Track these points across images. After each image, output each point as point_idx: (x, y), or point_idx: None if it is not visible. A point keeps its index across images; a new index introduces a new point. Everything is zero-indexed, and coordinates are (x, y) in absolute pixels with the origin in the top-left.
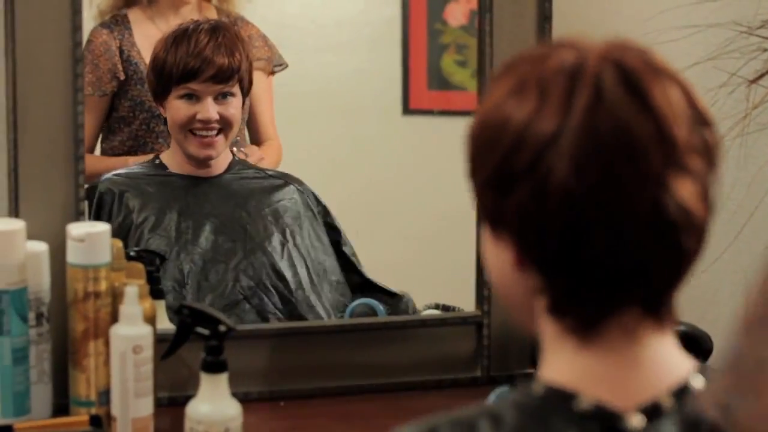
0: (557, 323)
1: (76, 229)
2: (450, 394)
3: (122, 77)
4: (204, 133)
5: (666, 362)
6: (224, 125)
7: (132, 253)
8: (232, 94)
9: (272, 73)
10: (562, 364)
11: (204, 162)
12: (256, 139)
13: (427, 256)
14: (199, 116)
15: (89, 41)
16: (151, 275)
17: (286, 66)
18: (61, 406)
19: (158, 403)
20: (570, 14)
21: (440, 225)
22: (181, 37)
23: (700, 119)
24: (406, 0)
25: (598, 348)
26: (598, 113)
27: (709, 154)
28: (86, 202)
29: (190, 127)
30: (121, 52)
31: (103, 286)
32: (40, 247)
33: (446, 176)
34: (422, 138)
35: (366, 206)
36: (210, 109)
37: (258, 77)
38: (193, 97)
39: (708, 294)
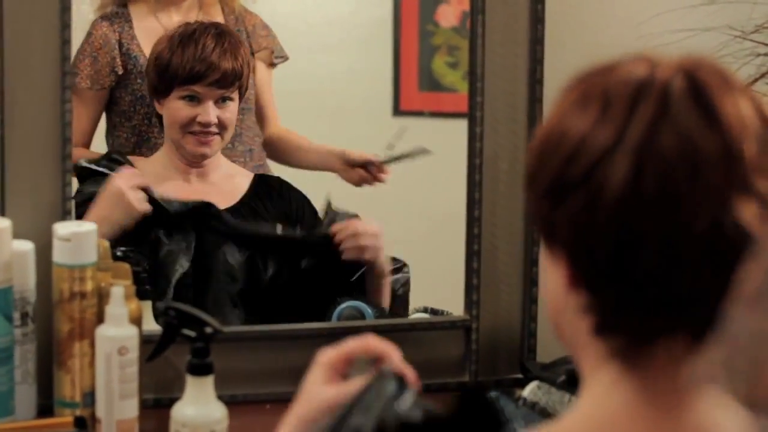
0: (602, 346)
1: (63, 229)
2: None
3: (120, 71)
4: (203, 136)
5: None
6: (221, 128)
7: (118, 253)
8: (231, 99)
9: (272, 65)
10: (588, 406)
11: (199, 159)
12: (263, 129)
13: (416, 258)
14: (199, 119)
15: (89, 34)
16: (138, 276)
17: (287, 59)
18: (46, 406)
19: (143, 405)
20: (563, 17)
21: (430, 227)
22: (188, 38)
23: None
24: (398, 1)
25: (638, 380)
26: (661, 125)
27: None
28: (73, 202)
29: (189, 129)
30: (121, 45)
31: (89, 286)
32: (26, 246)
33: (437, 178)
34: (412, 139)
35: (355, 208)
36: (210, 113)
37: (261, 66)
38: (194, 99)
39: None
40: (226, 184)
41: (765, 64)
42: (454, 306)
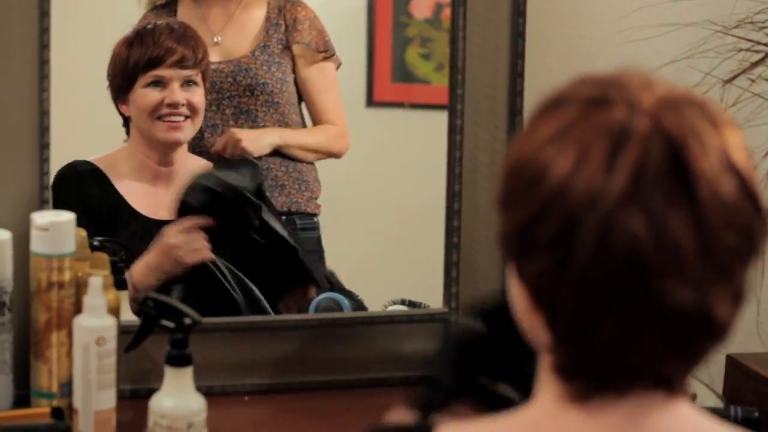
0: (556, 381)
1: (41, 218)
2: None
3: None
4: (172, 118)
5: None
6: (191, 111)
7: (96, 243)
8: (196, 83)
9: (325, 59)
10: (535, 409)
11: (172, 147)
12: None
13: (394, 251)
14: (167, 100)
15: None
16: (116, 266)
17: (332, 54)
18: (22, 397)
19: (120, 396)
20: (544, 10)
21: (407, 219)
22: (141, 34)
23: (752, 206)
24: None
25: (583, 410)
26: (633, 203)
27: (750, 250)
28: (50, 191)
29: (159, 114)
30: None
31: (67, 276)
32: (4, 235)
33: (412, 169)
34: (386, 130)
35: (330, 200)
36: (177, 93)
37: (301, 62)
38: (159, 83)
39: None
40: None
41: (746, 59)
42: (433, 299)
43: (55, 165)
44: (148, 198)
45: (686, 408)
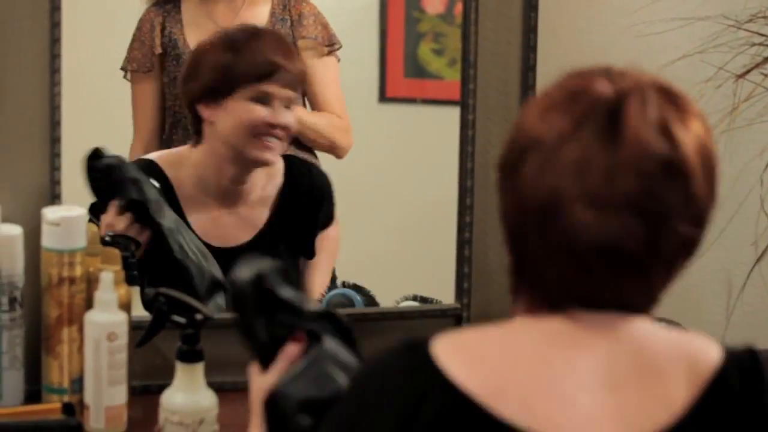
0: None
1: (52, 213)
2: None
3: (158, 51)
4: (269, 139)
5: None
6: (285, 132)
7: (107, 239)
8: (295, 104)
9: (330, 52)
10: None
11: (257, 166)
12: None
13: (406, 246)
14: (270, 120)
15: (139, 20)
16: (127, 261)
17: (340, 46)
18: (33, 392)
19: (132, 392)
20: (556, 5)
21: (419, 214)
22: (250, 37)
23: (709, 167)
24: None
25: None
26: (570, 135)
27: (705, 206)
28: (62, 186)
29: (257, 131)
30: (163, 27)
31: (78, 271)
32: (15, 230)
33: (424, 165)
34: (398, 126)
35: (343, 195)
36: (282, 114)
37: (307, 55)
38: (263, 99)
39: (692, 291)
40: (255, 209)
41: (759, 54)
42: (445, 294)
43: (67, 160)
44: (213, 225)
45: (647, 320)
